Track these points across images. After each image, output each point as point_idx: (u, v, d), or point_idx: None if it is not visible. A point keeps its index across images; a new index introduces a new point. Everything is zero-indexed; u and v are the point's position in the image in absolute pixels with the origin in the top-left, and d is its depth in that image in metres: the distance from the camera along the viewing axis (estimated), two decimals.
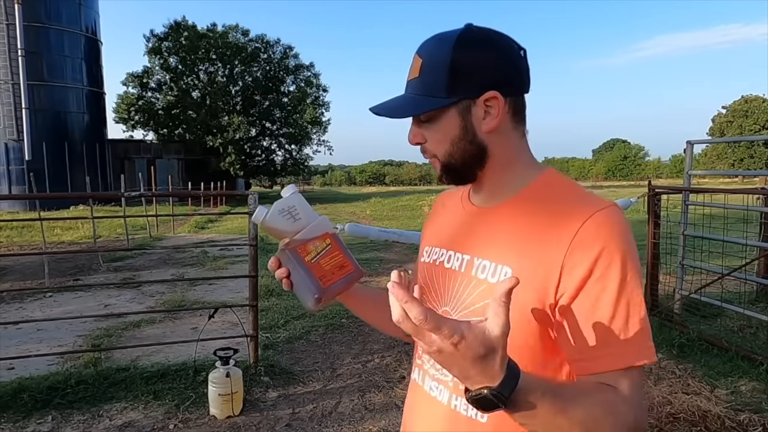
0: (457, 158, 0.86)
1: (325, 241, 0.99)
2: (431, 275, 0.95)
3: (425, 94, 0.84)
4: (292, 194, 1.00)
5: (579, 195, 0.83)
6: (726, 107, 62.72)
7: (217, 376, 3.24)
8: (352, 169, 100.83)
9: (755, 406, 3.20)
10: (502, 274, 0.81)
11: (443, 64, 0.82)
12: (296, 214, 0.98)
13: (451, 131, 0.85)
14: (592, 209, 0.78)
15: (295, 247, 0.97)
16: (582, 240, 0.76)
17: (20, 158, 24.73)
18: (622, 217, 0.79)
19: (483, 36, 0.84)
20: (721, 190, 4.89)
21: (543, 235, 0.79)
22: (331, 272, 0.97)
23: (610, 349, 0.74)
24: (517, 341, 0.79)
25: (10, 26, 23.74)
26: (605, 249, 0.75)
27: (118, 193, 10.19)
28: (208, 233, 14.15)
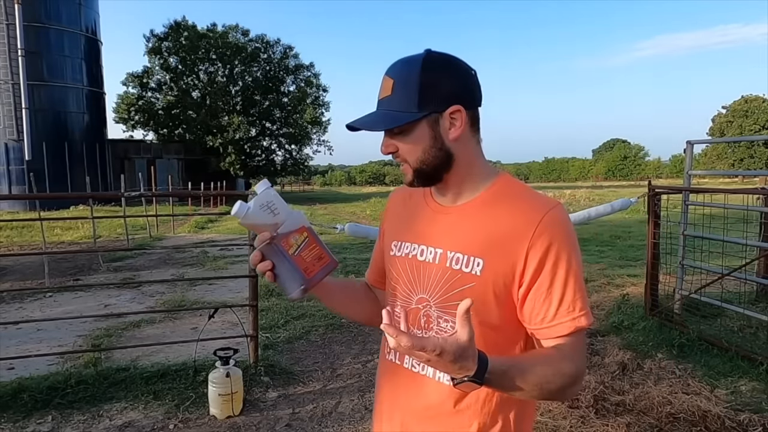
0: (428, 164, 1.00)
1: (303, 234, 1.03)
2: (404, 267, 1.08)
3: (398, 110, 0.97)
4: (267, 189, 1.02)
5: (532, 196, 1.01)
6: (726, 107, 62.71)
7: (217, 376, 3.24)
8: (352, 169, 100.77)
9: (755, 406, 3.20)
10: (475, 265, 0.98)
11: (413, 83, 0.96)
12: (275, 208, 1.01)
13: (423, 141, 0.99)
14: (546, 208, 0.97)
15: (279, 241, 1.01)
16: (540, 234, 0.94)
17: (20, 158, 24.72)
18: (566, 215, 0.99)
19: (443, 59, 0.99)
20: (721, 190, 4.89)
21: (507, 230, 0.97)
22: (312, 264, 1.03)
23: (564, 318, 0.95)
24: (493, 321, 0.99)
25: (10, 26, 23.73)
26: (557, 241, 0.95)
27: (118, 193, 10.20)
28: (208, 233, 14.15)
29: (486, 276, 0.96)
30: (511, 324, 1.01)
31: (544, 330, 0.97)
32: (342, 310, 1.25)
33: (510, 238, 0.96)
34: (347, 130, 1.05)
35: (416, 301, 1.05)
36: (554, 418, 3.07)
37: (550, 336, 0.96)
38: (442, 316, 1.02)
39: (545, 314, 0.96)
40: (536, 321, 0.97)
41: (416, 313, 1.05)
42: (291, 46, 37.24)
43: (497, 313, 0.99)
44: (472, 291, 0.97)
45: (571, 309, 0.95)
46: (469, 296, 0.92)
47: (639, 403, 3.19)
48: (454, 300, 0.98)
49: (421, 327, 1.04)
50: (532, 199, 1.00)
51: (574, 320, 0.95)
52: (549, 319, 0.96)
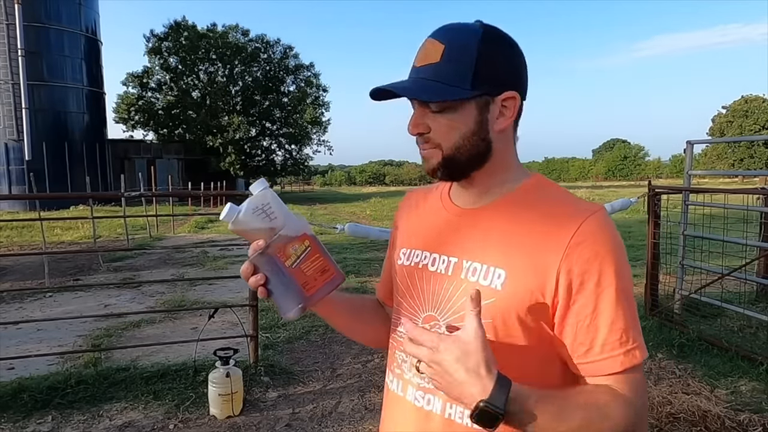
0: (464, 153, 0.84)
1: (304, 242, 0.88)
2: (412, 278, 0.92)
3: (446, 82, 0.80)
4: (264, 190, 0.87)
5: (569, 199, 0.84)
6: (726, 107, 62.71)
7: (217, 376, 3.24)
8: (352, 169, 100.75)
9: (755, 406, 3.20)
10: (495, 277, 0.80)
11: (469, 55, 0.80)
12: (271, 212, 0.86)
13: (465, 124, 0.82)
14: (585, 214, 0.79)
15: (274, 251, 0.86)
16: (577, 244, 0.77)
17: (20, 158, 24.72)
18: (610, 221, 0.81)
19: (503, 35, 0.84)
20: (721, 190, 4.89)
21: (537, 237, 0.80)
22: (313, 278, 0.88)
23: (615, 351, 0.77)
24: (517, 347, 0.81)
25: (10, 26, 23.73)
26: (599, 253, 0.77)
27: (118, 193, 10.20)
28: (208, 233, 14.14)
29: (508, 291, 0.79)
30: (539, 351, 0.82)
31: (590, 365, 0.79)
32: (347, 331, 1.09)
33: (540, 246, 0.79)
34: (372, 98, 0.86)
35: (423, 319, 0.89)
36: None
37: (598, 373, 0.78)
38: None
39: (590, 345, 0.78)
40: (579, 354, 0.79)
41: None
42: (291, 46, 37.30)
43: (523, 337, 0.80)
44: (490, 309, 0.80)
45: (624, 339, 0.77)
46: (487, 316, 0.79)
47: None
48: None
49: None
50: (568, 202, 0.84)
51: (628, 354, 0.77)
52: (596, 353, 0.78)
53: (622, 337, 0.77)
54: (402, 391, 0.92)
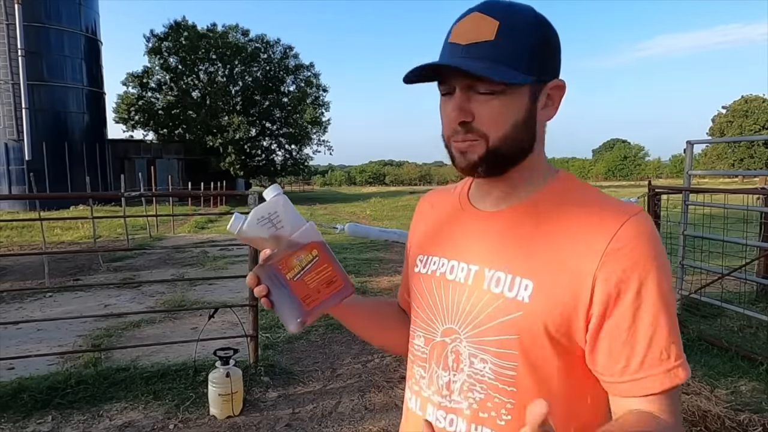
0: (512, 143, 0.75)
1: (312, 252, 0.85)
2: (429, 288, 0.85)
3: (504, 63, 0.71)
4: (275, 197, 0.85)
5: (603, 200, 0.76)
6: (726, 107, 62.74)
7: (217, 376, 3.24)
8: (352, 169, 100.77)
9: (755, 406, 3.20)
10: (521, 288, 0.73)
11: (526, 36, 0.73)
12: (278, 221, 0.84)
13: (517, 113, 0.74)
14: (623, 216, 0.71)
15: (275, 263, 0.84)
16: (616, 250, 0.69)
17: (20, 158, 24.72)
18: (652, 224, 0.73)
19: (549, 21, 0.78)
20: (721, 190, 4.90)
21: (568, 244, 0.72)
22: (316, 290, 0.85)
23: (653, 369, 0.70)
24: (548, 365, 0.74)
25: (10, 26, 23.73)
26: (641, 260, 0.70)
27: (118, 193, 10.20)
28: (208, 233, 14.14)
29: (537, 303, 0.72)
30: (572, 374, 0.75)
31: (626, 385, 0.71)
32: (369, 337, 1.03)
33: (572, 254, 0.72)
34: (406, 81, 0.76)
35: (442, 332, 0.82)
36: None
37: (636, 393, 0.71)
38: (476, 355, 0.77)
39: (627, 362, 0.70)
40: (614, 372, 0.71)
41: (442, 348, 0.82)
42: (291, 46, 37.31)
43: (553, 356, 0.74)
44: (517, 323, 0.73)
45: (665, 356, 0.69)
46: (513, 331, 0.74)
47: None
48: (492, 334, 0.76)
49: (449, 368, 0.81)
50: (604, 204, 0.75)
51: (669, 372, 0.69)
52: (633, 370, 0.70)
53: (662, 354, 0.69)
54: (421, 410, 0.85)
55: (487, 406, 0.76)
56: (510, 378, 0.75)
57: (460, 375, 0.79)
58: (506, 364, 0.75)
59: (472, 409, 0.78)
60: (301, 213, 0.89)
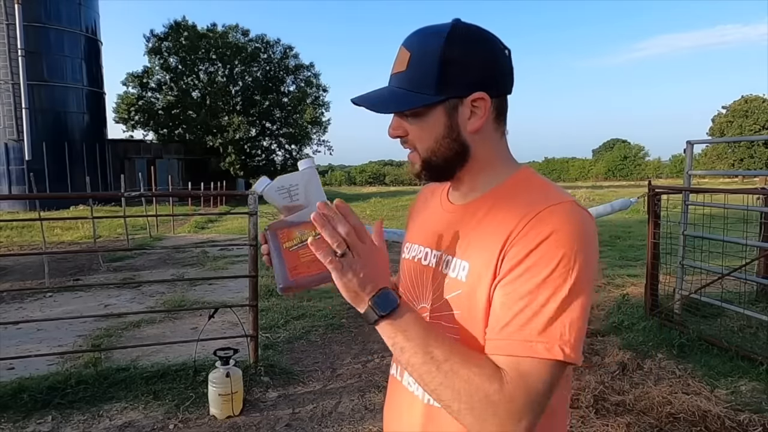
0: (439, 156, 0.86)
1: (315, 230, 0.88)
2: (410, 272, 0.97)
3: (412, 90, 0.82)
4: (304, 170, 0.92)
5: (541, 191, 0.82)
6: (726, 107, 62.71)
7: (217, 376, 3.24)
8: (352, 169, 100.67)
9: (755, 406, 3.20)
10: (461, 269, 0.83)
11: (433, 60, 0.81)
12: (295, 194, 0.91)
13: (436, 129, 0.84)
14: (545, 204, 0.77)
15: (276, 230, 0.91)
16: (526, 232, 0.76)
17: (20, 158, 24.70)
18: (579, 215, 0.77)
19: (473, 33, 0.83)
20: (721, 190, 4.90)
21: (494, 228, 0.81)
22: (306, 265, 0.89)
23: (513, 336, 0.73)
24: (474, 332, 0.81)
25: (10, 26, 23.71)
26: (544, 242, 0.74)
27: (118, 193, 10.20)
28: (208, 233, 14.14)
29: (470, 281, 0.81)
30: None
31: (490, 343, 0.76)
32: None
33: (495, 235, 0.79)
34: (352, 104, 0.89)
35: (419, 310, 0.92)
36: None
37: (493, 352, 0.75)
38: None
39: (496, 324, 0.76)
40: (489, 330, 0.77)
41: None
42: (291, 46, 37.27)
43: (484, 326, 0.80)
44: (459, 299, 0.83)
45: (532, 328, 0.72)
46: (456, 307, 0.83)
47: (639, 403, 3.19)
48: (443, 310, 0.86)
49: None
50: (538, 195, 0.81)
51: (526, 343, 0.72)
52: (497, 330, 0.75)
53: (528, 324, 0.72)
54: (400, 376, 0.97)
55: None
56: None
57: None
58: (452, 336, 0.82)
59: None
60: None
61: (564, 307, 0.73)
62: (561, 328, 0.72)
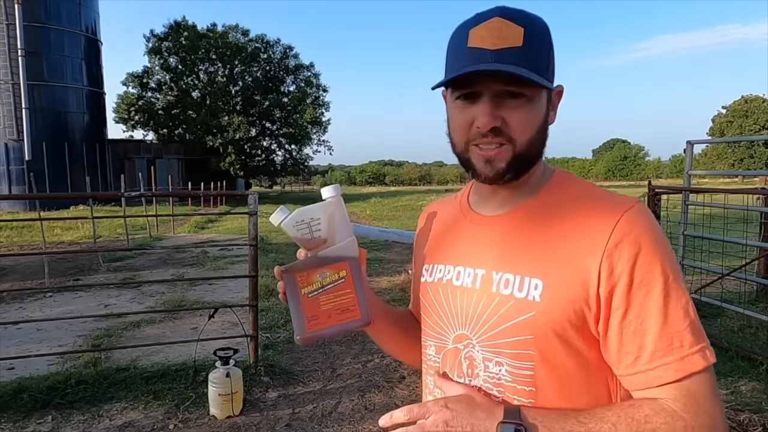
0: (534, 149, 0.77)
1: (340, 272, 0.81)
2: (437, 296, 0.85)
3: (533, 69, 0.72)
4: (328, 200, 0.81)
5: (599, 194, 0.78)
6: (726, 107, 62.73)
7: (217, 376, 3.24)
8: (352, 169, 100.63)
9: (755, 406, 3.20)
10: (531, 288, 0.73)
11: (546, 42, 0.75)
12: (316, 228, 0.80)
13: (539, 117, 0.76)
14: (621, 209, 0.72)
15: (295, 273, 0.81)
16: (617, 242, 0.70)
17: (20, 158, 24.70)
18: (650, 214, 0.75)
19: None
20: (721, 190, 4.89)
21: (571, 241, 0.73)
22: (327, 314, 0.80)
23: (666, 358, 0.69)
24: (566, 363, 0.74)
25: (10, 26, 23.70)
26: (642, 250, 0.70)
27: (118, 193, 10.19)
28: (208, 233, 14.14)
29: (549, 301, 0.72)
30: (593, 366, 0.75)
31: (638, 377, 0.70)
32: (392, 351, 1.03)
33: (576, 250, 0.72)
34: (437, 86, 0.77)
35: (454, 339, 0.82)
36: None
37: (648, 385, 0.70)
38: (491, 359, 0.77)
39: (639, 353, 0.70)
40: (626, 364, 0.71)
41: (455, 355, 0.81)
42: (291, 46, 37.30)
43: (570, 350, 0.74)
44: (531, 323, 0.73)
45: (678, 344, 0.68)
46: (527, 331, 0.73)
47: None
48: (506, 336, 0.75)
49: (464, 374, 0.80)
50: (602, 198, 0.76)
51: (684, 360, 0.68)
52: (645, 361, 0.69)
53: (674, 341, 0.68)
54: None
55: None
56: (528, 378, 0.75)
57: (476, 380, 0.79)
58: (523, 364, 0.74)
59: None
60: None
61: (687, 306, 0.71)
62: (697, 332, 0.70)
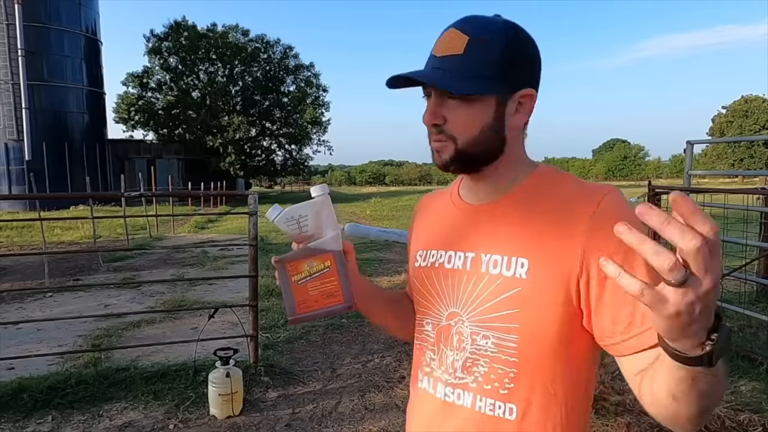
0: (478, 147, 0.84)
1: (325, 262, 0.91)
2: (430, 279, 0.93)
3: (469, 76, 0.80)
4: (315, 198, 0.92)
5: (581, 183, 0.85)
6: (726, 107, 62.74)
7: (217, 376, 3.24)
8: (352, 169, 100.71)
9: (755, 406, 3.20)
10: (518, 266, 0.80)
11: (494, 49, 0.80)
12: (305, 225, 0.90)
13: (484, 118, 0.83)
14: (601, 192, 0.79)
15: (286, 263, 0.90)
16: (600, 221, 0.76)
17: (20, 158, 24.71)
18: (625, 198, 0.81)
19: (525, 32, 0.85)
20: (721, 190, 4.89)
21: (555, 223, 0.80)
22: (314, 299, 0.90)
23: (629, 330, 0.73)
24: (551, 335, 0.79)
25: (10, 26, 23.72)
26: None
27: (118, 193, 10.19)
28: (208, 233, 14.15)
29: (534, 278, 0.79)
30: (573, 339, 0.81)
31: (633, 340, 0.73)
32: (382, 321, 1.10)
33: (559, 230, 0.79)
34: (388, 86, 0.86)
35: (447, 316, 0.89)
36: None
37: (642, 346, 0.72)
38: (478, 332, 0.84)
39: (632, 318, 0.73)
40: (621, 329, 0.74)
41: (448, 331, 0.89)
42: (291, 46, 37.33)
43: (552, 323, 0.79)
44: (517, 298, 0.80)
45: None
46: (514, 306, 0.80)
47: (639, 403, 3.18)
48: (492, 312, 0.82)
49: (455, 347, 0.87)
50: (581, 186, 0.83)
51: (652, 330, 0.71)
52: (639, 323, 0.72)
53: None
54: (432, 389, 0.92)
55: (491, 378, 0.83)
56: (512, 349, 0.81)
57: (462, 353, 0.86)
58: (508, 336, 0.81)
59: (477, 382, 0.85)
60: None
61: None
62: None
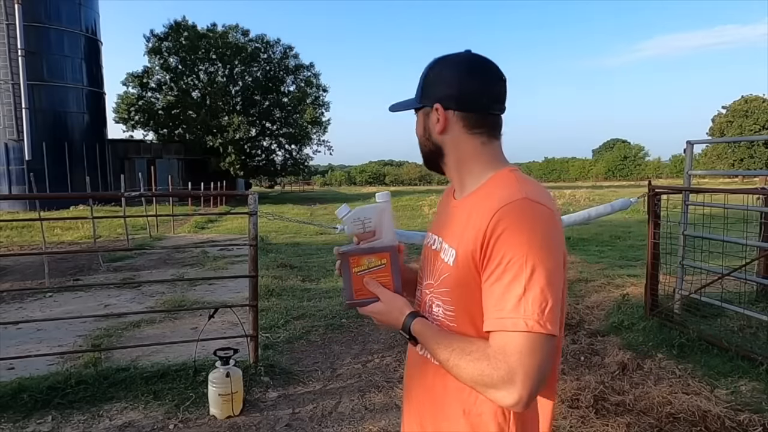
0: (423, 150, 1.15)
1: (382, 260, 1.12)
2: (425, 255, 1.19)
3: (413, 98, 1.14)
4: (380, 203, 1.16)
5: (507, 190, 0.99)
6: (726, 107, 62.66)
7: (217, 376, 3.24)
8: (352, 169, 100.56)
9: (755, 406, 3.20)
10: (449, 255, 1.04)
11: (422, 77, 1.11)
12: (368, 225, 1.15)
13: (419, 129, 1.14)
14: (505, 200, 0.95)
15: (349, 256, 1.11)
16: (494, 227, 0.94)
17: (20, 158, 24.69)
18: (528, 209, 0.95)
19: (462, 59, 1.07)
20: (721, 190, 4.89)
21: (474, 221, 0.99)
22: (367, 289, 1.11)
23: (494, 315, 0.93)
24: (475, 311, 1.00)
25: (10, 26, 23.70)
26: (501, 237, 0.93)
27: (118, 193, 10.18)
28: (208, 233, 14.14)
29: (457, 265, 1.01)
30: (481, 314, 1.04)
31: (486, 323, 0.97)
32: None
33: (473, 228, 0.99)
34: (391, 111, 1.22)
35: (425, 286, 1.15)
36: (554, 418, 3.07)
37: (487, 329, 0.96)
38: (433, 302, 1.09)
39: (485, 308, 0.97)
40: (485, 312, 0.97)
41: (423, 299, 1.15)
42: (291, 46, 37.23)
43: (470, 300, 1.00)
44: (448, 279, 1.04)
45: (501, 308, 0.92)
46: (447, 285, 1.05)
47: (639, 403, 3.19)
48: (440, 287, 1.07)
49: (426, 312, 1.13)
50: (501, 191, 1.00)
51: (499, 320, 0.92)
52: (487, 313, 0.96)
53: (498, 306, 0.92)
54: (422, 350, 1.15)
55: None
56: (451, 317, 1.05)
57: (429, 317, 1.10)
58: (448, 308, 1.06)
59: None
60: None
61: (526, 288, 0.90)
62: (525, 305, 0.90)
